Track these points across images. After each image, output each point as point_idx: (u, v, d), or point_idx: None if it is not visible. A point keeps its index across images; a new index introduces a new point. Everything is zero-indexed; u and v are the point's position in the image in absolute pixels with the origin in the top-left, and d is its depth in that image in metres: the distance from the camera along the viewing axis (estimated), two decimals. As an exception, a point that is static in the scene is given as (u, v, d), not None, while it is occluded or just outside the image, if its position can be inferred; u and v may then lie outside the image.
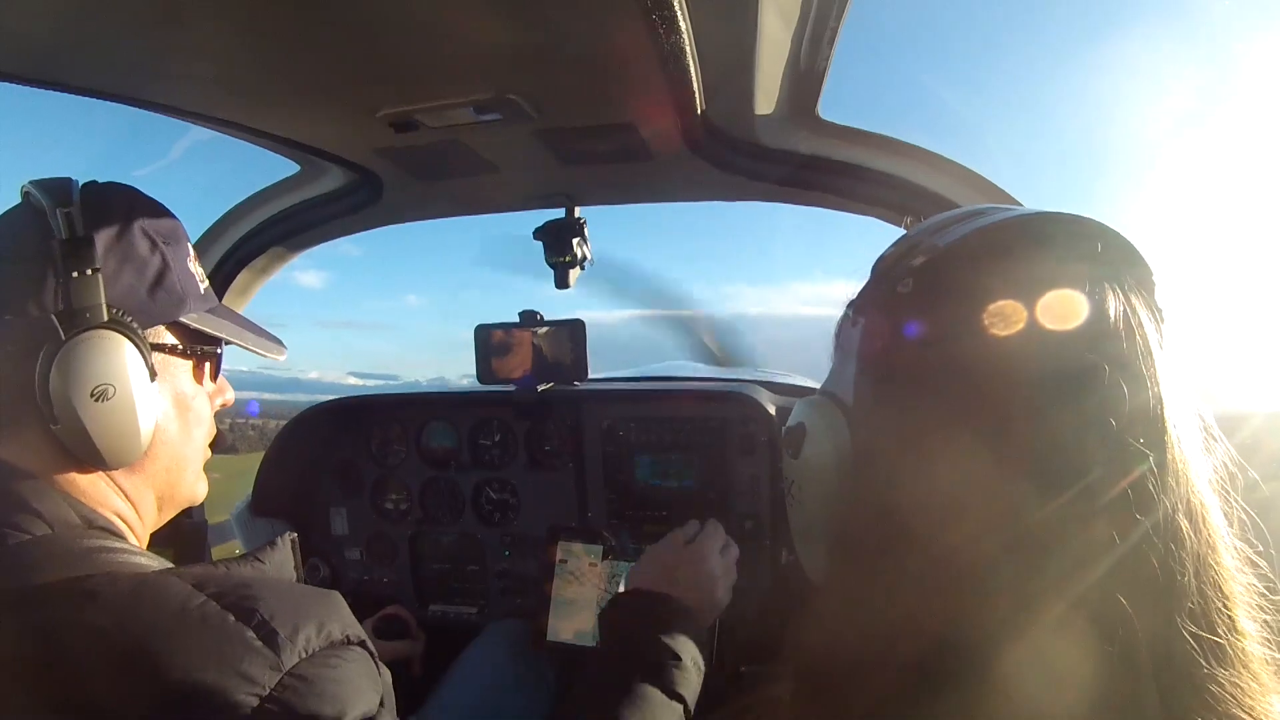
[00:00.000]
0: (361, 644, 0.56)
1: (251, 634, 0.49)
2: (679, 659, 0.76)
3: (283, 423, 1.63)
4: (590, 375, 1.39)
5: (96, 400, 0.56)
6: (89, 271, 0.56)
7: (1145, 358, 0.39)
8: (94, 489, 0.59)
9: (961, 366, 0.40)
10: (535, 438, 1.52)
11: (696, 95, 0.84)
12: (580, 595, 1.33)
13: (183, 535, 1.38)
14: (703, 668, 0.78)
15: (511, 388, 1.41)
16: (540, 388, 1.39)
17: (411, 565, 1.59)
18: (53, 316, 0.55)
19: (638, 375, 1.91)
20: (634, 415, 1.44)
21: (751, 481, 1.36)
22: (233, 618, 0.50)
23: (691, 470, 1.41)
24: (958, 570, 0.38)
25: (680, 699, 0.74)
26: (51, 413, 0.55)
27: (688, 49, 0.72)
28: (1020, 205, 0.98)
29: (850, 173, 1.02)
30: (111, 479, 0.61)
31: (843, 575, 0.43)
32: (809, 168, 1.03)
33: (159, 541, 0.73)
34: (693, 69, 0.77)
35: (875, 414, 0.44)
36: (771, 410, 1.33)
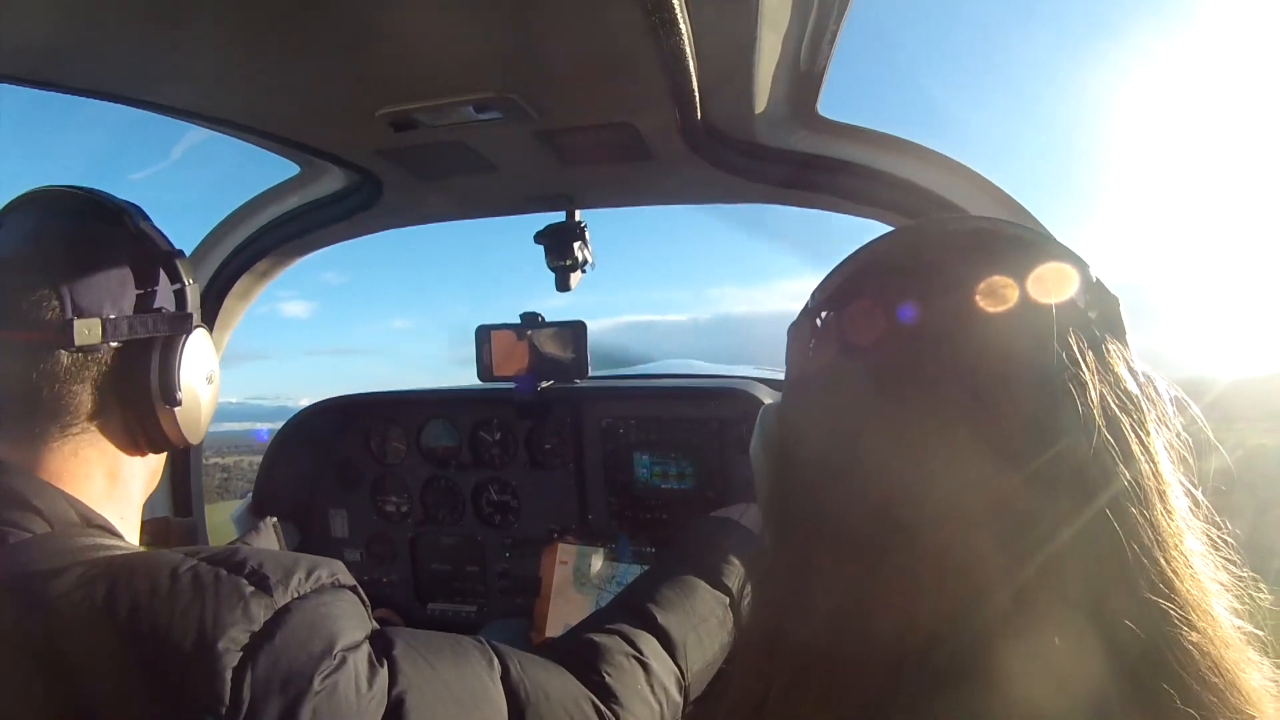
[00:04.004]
0: (353, 589, 0.57)
1: (244, 581, 0.51)
2: (727, 556, 0.83)
3: (256, 458, 1.62)
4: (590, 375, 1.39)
5: (209, 384, 0.69)
6: (190, 282, 0.67)
7: (1086, 342, 0.40)
8: (95, 488, 0.60)
9: (890, 358, 0.42)
10: (535, 437, 1.51)
11: (696, 95, 0.84)
12: (580, 595, 1.33)
13: (178, 536, 1.37)
14: None
15: (511, 386, 1.41)
16: (540, 386, 1.40)
17: (412, 566, 1.59)
18: (162, 316, 0.63)
19: (637, 374, 1.90)
20: (633, 414, 1.44)
21: (749, 482, 1.35)
22: (225, 571, 0.51)
23: (690, 470, 1.41)
24: (951, 566, 0.38)
25: (727, 591, 0.80)
26: (174, 395, 0.63)
27: (687, 49, 0.72)
28: (1019, 206, 0.98)
29: (850, 171, 1.02)
30: (117, 478, 0.62)
31: (839, 572, 0.42)
32: (809, 167, 1.03)
33: (157, 543, 0.73)
34: (692, 69, 0.77)
35: (804, 402, 0.48)
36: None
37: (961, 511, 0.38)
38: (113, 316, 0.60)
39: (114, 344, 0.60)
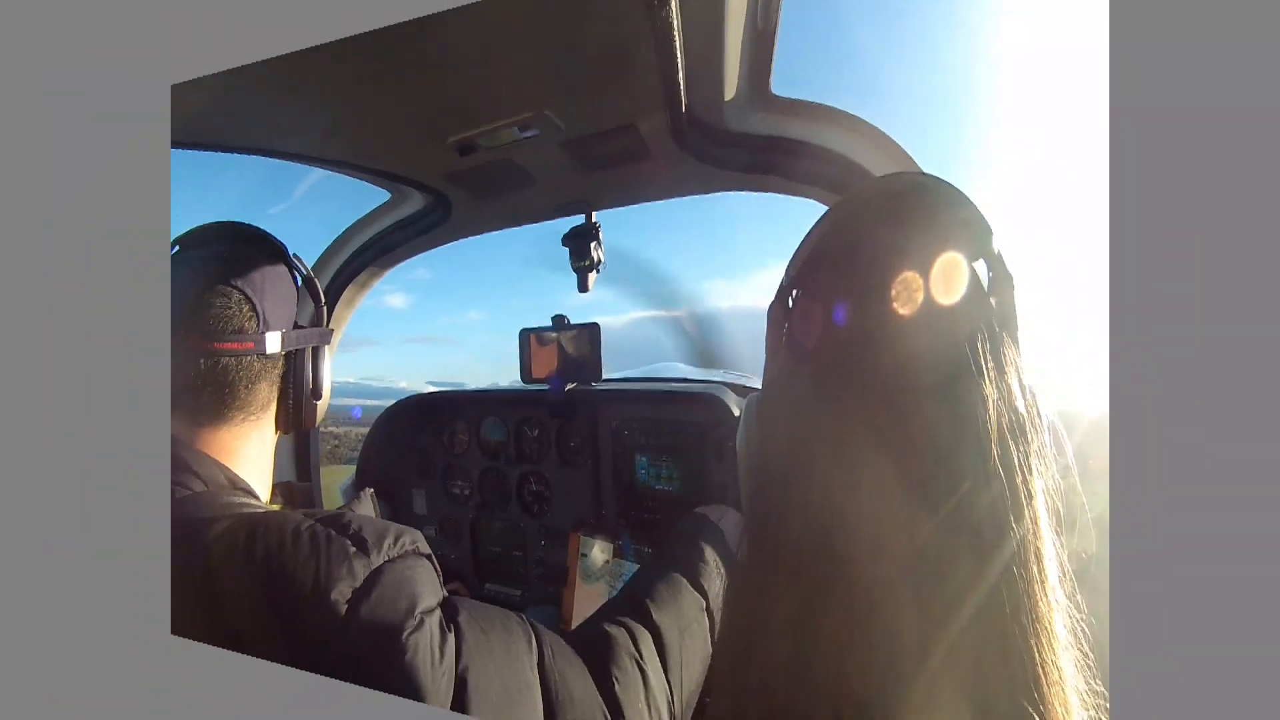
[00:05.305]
0: (429, 558, 0.63)
1: (348, 541, 0.59)
2: (704, 557, 0.87)
3: (359, 429, 1.85)
4: (605, 375, 1.44)
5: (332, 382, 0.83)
6: (324, 302, 0.82)
7: (999, 348, 0.36)
8: (249, 458, 0.74)
9: (834, 357, 0.39)
10: (564, 435, 1.60)
11: (681, 87, 0.86)
12: (596, 588, 1.37)
13: (299, 496, 1.55)
14: (723, 573, 0.88)
15: (547, 387, 1.51)
16: (566, 387, 1.48)
17: (471, 546, 1.72)
18: (316, 331, 0.79)
19: (635, 375, 1.92)
20: (635, 416, 1.48)
21: (720, 490, 1.31)
22: (334, 532, 0.60)
23: (677, 473, 1.42)
24: (879, 623, 0.36)
25: (703, 592, 0.83)
26: (321, 391, 0.79)
27: (676, 40, 0.74)
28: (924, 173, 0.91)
29: (794, 150, 0.99)
30: (257, 451, 0.75)
31: (790, 602, 0.39)
32: (762, 149, 1.01)
33: (284, 501, 0.88)
34: (679, 60, 0.79)
35: (769, 404, 0.45)
36: (736, 414, 1.29)
37: (886, 549, 0.36)
38: (285, 331, 0.75)
39: (285, 351, 0.75)
